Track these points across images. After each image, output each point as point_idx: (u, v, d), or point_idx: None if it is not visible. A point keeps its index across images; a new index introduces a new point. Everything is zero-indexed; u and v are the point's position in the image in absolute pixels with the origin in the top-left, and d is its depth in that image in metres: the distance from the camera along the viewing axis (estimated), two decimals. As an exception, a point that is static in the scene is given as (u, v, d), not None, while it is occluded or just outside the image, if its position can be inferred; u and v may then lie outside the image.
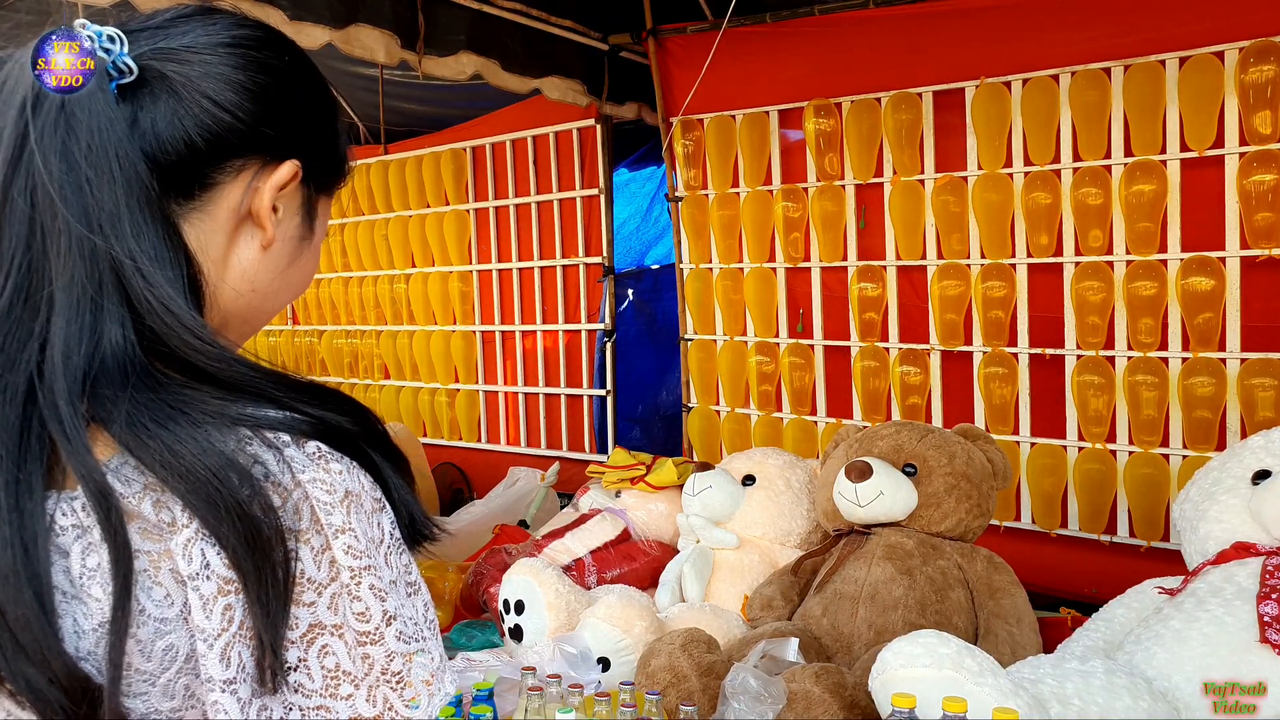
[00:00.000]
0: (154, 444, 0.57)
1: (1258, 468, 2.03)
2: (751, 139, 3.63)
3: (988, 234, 3.12)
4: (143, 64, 0.63)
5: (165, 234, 0.63)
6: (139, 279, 0.60)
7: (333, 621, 0.60)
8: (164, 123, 0.63)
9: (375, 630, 0.61)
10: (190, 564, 0.58)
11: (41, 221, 0.60)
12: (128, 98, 0.63)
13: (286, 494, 0.60)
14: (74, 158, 0.60)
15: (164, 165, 0.64)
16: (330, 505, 0.61)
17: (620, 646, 2.17)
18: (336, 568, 0.60)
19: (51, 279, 0.59)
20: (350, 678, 0.60)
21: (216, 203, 0.67)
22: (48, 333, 0.59)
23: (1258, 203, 2.67)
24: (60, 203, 0.59)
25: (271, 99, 0.68)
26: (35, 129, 0.60)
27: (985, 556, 2.28)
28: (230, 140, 0.66)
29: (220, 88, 0.65)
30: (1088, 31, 2.90)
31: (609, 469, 3.04)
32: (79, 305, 0.59)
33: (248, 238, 0.69)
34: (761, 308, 3.68)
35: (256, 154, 0.68)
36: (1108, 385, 2.94)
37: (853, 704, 1.77)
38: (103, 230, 0.60)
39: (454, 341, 4.78)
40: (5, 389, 0.58)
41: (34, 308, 0.59)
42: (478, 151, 4.61)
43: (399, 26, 3.12)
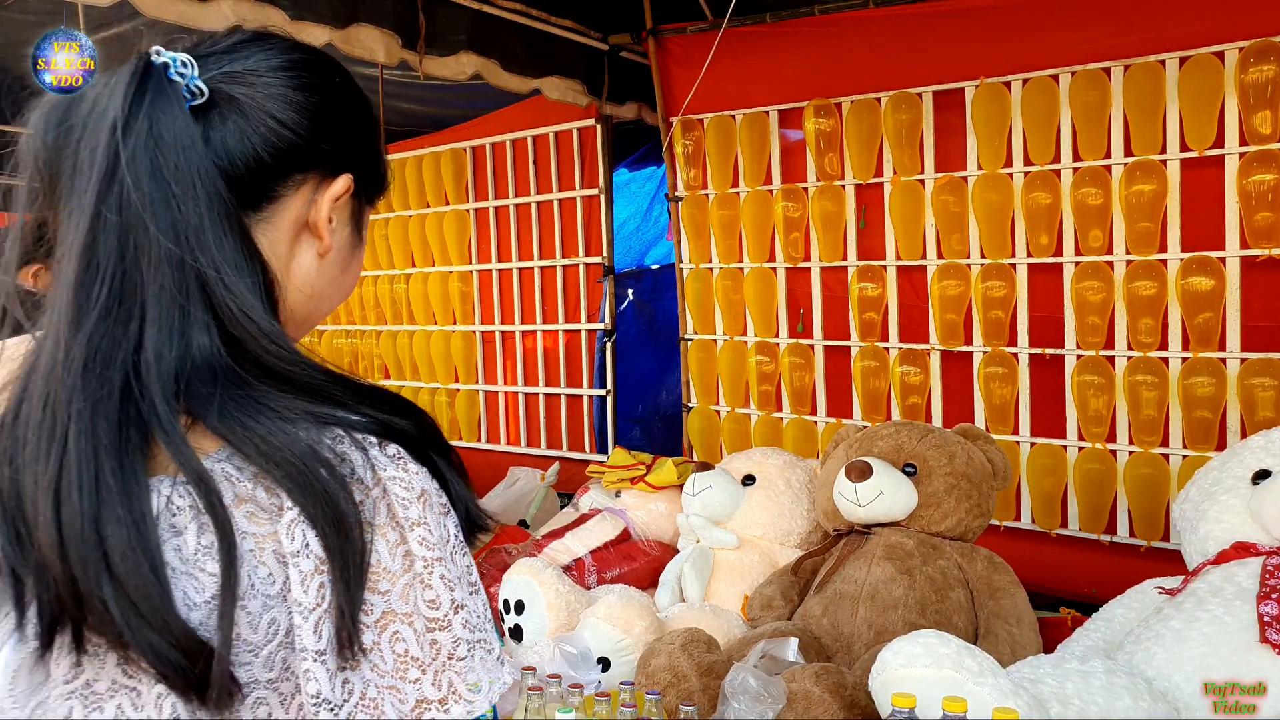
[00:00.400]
0: (250, 436, 0.63)
1: (1258, 468, 2.03)
2: (751, 139, 3.63)
3: (988, 234, 3.12)
4: (213, 87, 0.69)
5: (242, 244, 0.68)
6: (222, 288, 0.65)
7: (404, 610, 0.65)
8: (234, 140, 0.69)
9: (444, 618, 0.66)
10: (293, 543, 0.63)
11: (133, 235, 0.64)
12: (200, 118, 0.68)
13: (367, 490, 0.65)
14: (162, 176, 0.65)
15: (236, 180, 0.69)
16: (408, 501, 0.66)
17: (620, 646, 2.17)
18: (410, 559, 0.65)
19: (143, 288, 0.64)
20: (418, 663, 0.65)
21: (280, 214, 0.73)
22: (141, 337, 0.64)
23: (1258, 203, 2.67)
24: (150, 218, 0.64)
25: (327, 117, 0.74)
26: (126, 150, 0.64)
27: (985, 556, 2.28)
28: (293, 155, 0.72)
29: (282, 107, 0.71)
30: (1088, 31, 2.90)
31: (609, 469, 3.04)
32: (168, 312, 0.64)
33: (306, 246, 0.75)
34: (761, 308, 3.68)
35: (315, 169, 0.74)
36: (1108, 385, 2.94)
37: (853, 704, 1.77)
38: (189, 243, 0.65)
39: (454, 341, 4.78)
40: (104, 386, 0.62)
41: (127, 313, 0.64)
42: (478, 151, 4.61)
43: (400, 26, 3.12)
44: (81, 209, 0.64)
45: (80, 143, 0.65)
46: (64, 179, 0.66)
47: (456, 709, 0.66)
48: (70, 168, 0.65)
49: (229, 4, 2.66)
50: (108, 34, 4.31)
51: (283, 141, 0.71)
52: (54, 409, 0.61)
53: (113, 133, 0.64)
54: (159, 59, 0.67)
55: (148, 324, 0.64)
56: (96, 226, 0.64)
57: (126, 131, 0.64)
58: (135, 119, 0.65)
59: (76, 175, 0.65)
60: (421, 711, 0.65)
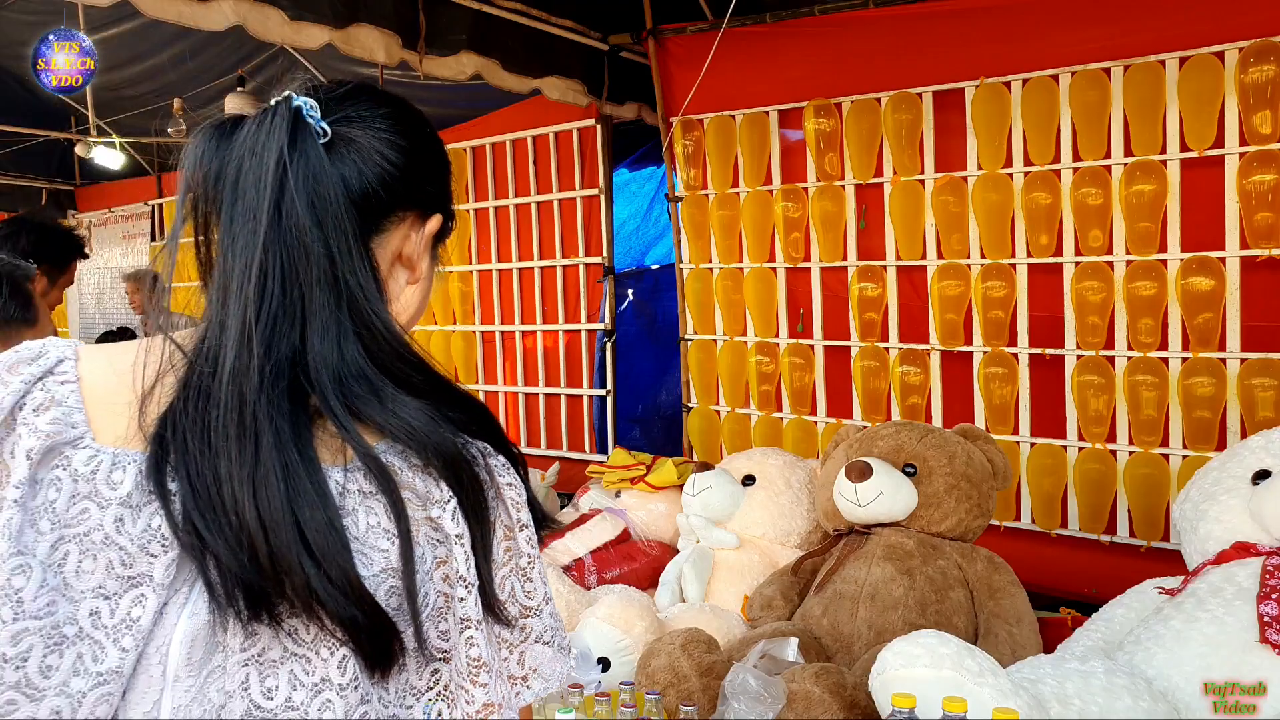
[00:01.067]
0: (413, 431, 0.72)
1: (1258, 468, 2.03)
2: (751, 139, 3.63)
3: (988, 234, 3.12)
4: (334, 129, 0.77)
5: (371, 268, 0.77)
6: (367, 304, 0.74)
7: (500, 598, 0.75)
8: (353, 175, 0.77)
9: (537, 606, 0.77)
10: (456, 526, 0.73)
11: (296, 258, 0.73)
12: (328, 151, 0.77)
13: (487, 488, 0.76)
14: (316, 208, 0.73)
15: (357, 210, 0.77)
16: (519, 504, 0.77)
17: (620, 646, 2.17)
18: (513, 554, 0.76)
19: (305, 303, 0.73)
20: (508, 644, 0.76)
21: (385, 246, 0.81)
22: (304, 344, 0.72)
23: (1258, 203, 2.67)
24: (311, 243, 0.73)
25: (426, 161, 0.83)
26: (291, 183, 0.73)
27: (985, 556, 2.28)
28: (400, 192, 0.80)
29: (391, 149, 0.79)
30: (1088, 31, 2.90)
31: (609, 469, 3.04)
32: (328, 324, 0.73)
33: (397, 274, 0.83)
34: (761, 308, 3.68)
35: (416, 207, 0.83)
36: (1108, 385, 2.94)
37: (853, 704, 1.77)
38: (341, 265, 0.74)
39: (454, 341, 4.78)
40: (282, 388, 0.71)
41: (291, 324, 0.72)
42: (478, 151, 4.61)
43: (400, 26, 3.11)
44: (251, 233, 0.72)
45: (243, 174, 0.73)
46: (225, 203, 0.74)
47: (537, 685, 0.77)
48: (231, 196, 0.73)
49: (229, 4, 2.66)
50: (108, 34, 4.31)
51: (392, 179, 0.79)
52: (245, 408, 0.69)
53: (279, 168, 0.73)
54: (296, 102, 0.76)
55: (310, 333, 0.72)
56: (267, 250, 0.72)
57: (290, 168, 0.73)
58: (295, 157, 0.73)
59: (240, 202, 0.73)
60: (510, 686, 0.76)
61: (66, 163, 6.70)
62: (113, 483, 0.69)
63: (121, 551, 0.68)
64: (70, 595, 0.67)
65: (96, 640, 0.67)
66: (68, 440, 0.71)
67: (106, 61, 4.03)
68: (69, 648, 0.66)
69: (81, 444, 0.71)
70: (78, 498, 0.69)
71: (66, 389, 0.73)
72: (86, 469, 0.70)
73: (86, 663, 0.66)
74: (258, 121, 0.75)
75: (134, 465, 0.70)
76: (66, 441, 0.71)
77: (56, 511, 0.68)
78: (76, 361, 0.75)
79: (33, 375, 0.73)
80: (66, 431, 0.71)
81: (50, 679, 0.65)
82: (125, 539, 0.68)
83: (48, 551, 0.68)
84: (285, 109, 0.75)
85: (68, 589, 0.68)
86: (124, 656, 0.67)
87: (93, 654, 0.66)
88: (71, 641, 0.67)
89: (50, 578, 0.67)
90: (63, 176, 6.95)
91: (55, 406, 0.72)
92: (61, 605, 0.67)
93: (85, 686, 0.66)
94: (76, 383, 0.74)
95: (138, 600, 0.68)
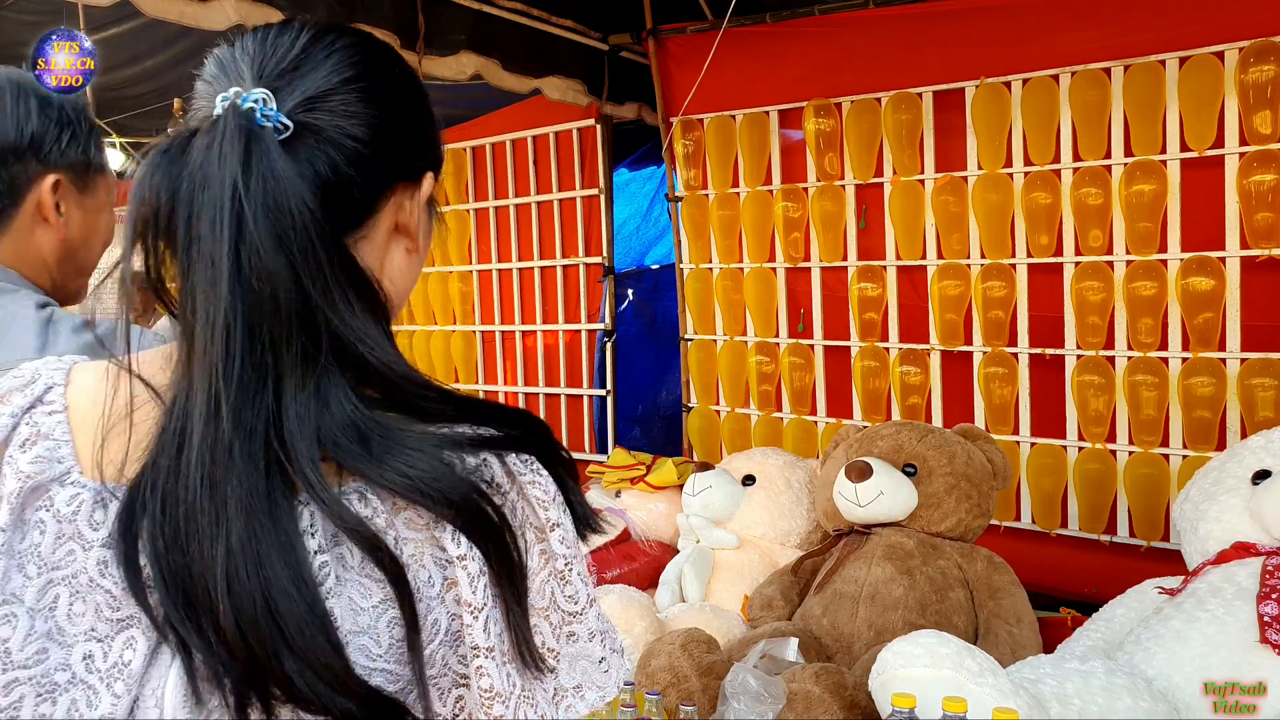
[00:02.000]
0: (389, 471, 0.64)
1: (1258, 468, 2.03)
2: (751, 139, 3.63)
3: (988, 234, 3.12)
4: (295, 119, 0.68)
5: (353, 275, 0.68)
6: (352, 336, 0.66)
7: (541, 605, 0.68)
8: (326, 168, 0.68)
9: (581, 611, 0.70)
10: (458, 547, 0.66)
11: (263, 301, 0.64)
12: (290, 151, 0.67)
13: (505, 495, 0.68)
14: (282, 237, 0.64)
15: (336, 206, 0.69)
16: (546, 503, 0.69)
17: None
18: (549, 557, 0.69)
19: (277, 353, 0.64)
20: (554, 654, 0.69)
21: (377, 226, 0.74)
22: (279, 403, 0.64)
23: (1258, 203, 2.67)
24: (280, 284, 0.64)
25: (404, 122, 0.75)
26: (249, 215, 0.64)
27: (985, 556, 2.28)
28: (383, 170, 0.72)
29: (362, 126, 0.70)
30: (1088, 31, 2.90)
31: (609, 469, 3.04)
32: (306, 376, 0.64)
33: (396, 246, 0.77)
34: (761, 308, 3.68)
35: (403, 176, 0.75)
36: (1108, 385, 2.94)
37: (853, 704, 1.77)
38: (317, 300, 0.65)
39: (454, 341, 4.78)
40: (256, 460, 0.63)
41: (263, 380, 0.64)
42: (478, 151, 4.60)
43: (399, 26, 3.11)
44: (210, 284, 0.64)
45: (195, 212, 0.65)
46: (179, 246, 0.65)
47: (591, 695, 0.70)
48: (185, 236, 0.65)
49: (231, 3, 2.66)
50: (108, 34, 4.31)
51: (371, 159, 0.71)
52: (216, 491, 0.62)
53: (234, 201, 0.64)
54: (246, 104, 0.66)
55: (285, 390, 0.64)
56: (232, 303, 0.63)
57: (247, 197, 0.64)
58: (252, 181, 0.64)
59: (194, 248, 0.64)
60: (560, 699, 0.69)
61: (66, 163, 6.68)
62: (94, 523, 0.66)
63: (108, 595, 0.65)
64: (63, 640, 0.65)
65: (91, 685, 0.64)
66: (54, 477, 0.67)
67: (106, 61, 4.02)
68: (62, 694, 0.64)
69: (68, 479, 0.67)
70: (62, 539, 0.65)
71: (54, 420, 0.68)
72: (69, 509, 0.66)
73: (81, 708, 0.64)
74: (206, 142, 0.65)
75: (116, 502, 0.66)
76: (53, 478, 0.67)
77: (42, 555, 0.65)
78: (66, 387, 0.70)
79: (20, 407, 0.69)
80: (52, 468, 0.67)
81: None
82: (109, 582, 0.65)
83: (36, 597, 0.64)
84: (233, 117, 0.65)
85: (61, 634, 0.65)
86: (116, 702, 0.64)
87: (87, 699, 0.64)
88: (64, 689, 0.64)
89: (40, 624, 0.64)
90: (63, 176, 6.93)
91: (41, 441, 0.67)
92: (54, 652, 0.64)
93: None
94: (64, 412, 0.69)
95: (129, 643, 0.65)
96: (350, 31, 0.74)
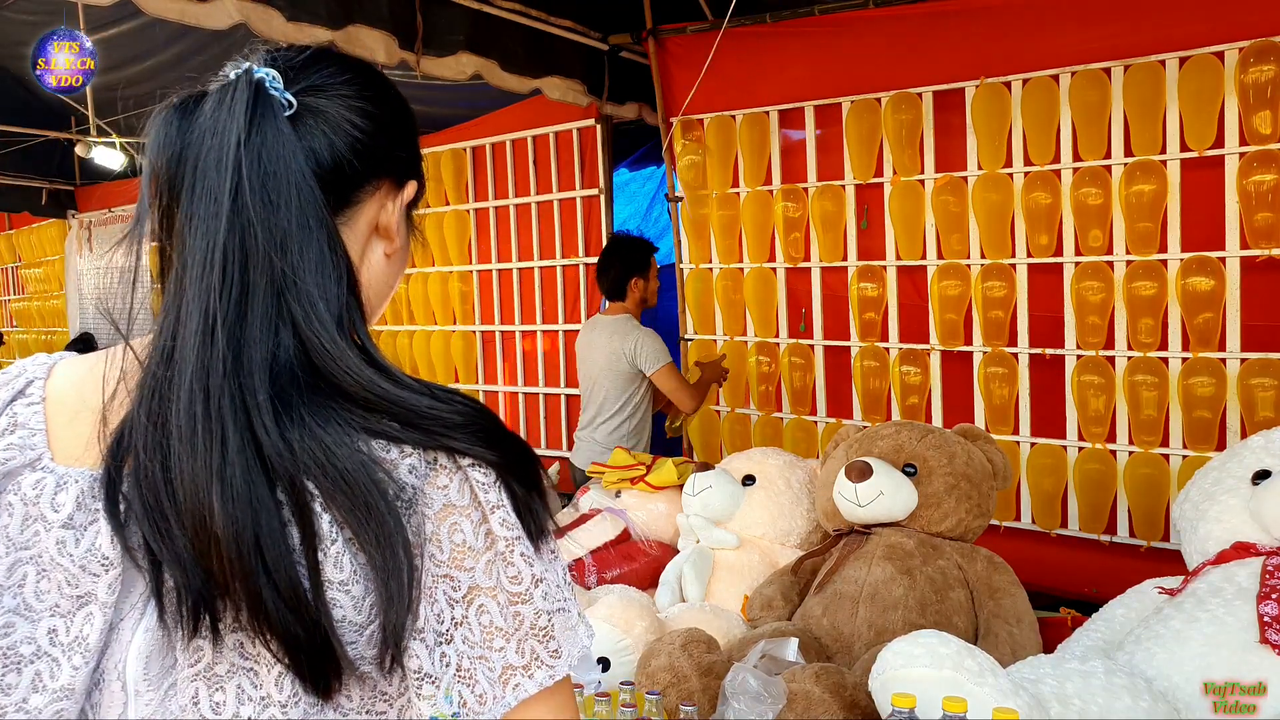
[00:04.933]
0: (313, 443, 0.67)
1: (1258, 468, 2.03)
2: (751, 139, 3.63)
3: (988, 234, 3.12)
4: (300, 99, 0.74)
5: (329, 246, 0.72)
6: (296, 292, 0.69)
7: (488, 584, 0.70)
8: (323, 147, 0.74)
9: (525, 592, 0.70)
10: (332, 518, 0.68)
11: (249, 241, 0.69)
12: (292, 124, 0.73)
13: (451, 474, 0.70)
14: (268, 186, 0.70)
15: (327, 181, 0.74)
16: (487, 485, 0.70)
17: (620, 646, 2.17)
18: (492, 538, 0.70)
19: (253, 290, 0.69)
20: (503, 632, 0.70)
21: (358, 218, 0.78)
22: (247, 331, 0.69)
23: (1258, 203, 2.67)
24: (259, 226, 0.69)
25: (397, 126, 0.80)
26: (246, 163, 0.69)
27: (985, 556, 2.27)
28: (374, 161, 0.77)
29: (360, 117, 0.76)
30: (1088, 31, 2.90)
31: (609, 469, 3.04)
32: (266, 313, 0.69)
33: (374, 247, 0.80)
34: (761, 308, 3.68)
35: (390, 175, 0.79)
36: (1108, 385, 2.94)
37: (853, 704, 1.77)
38: (279, 248, 0.69)
39: (454, 341, 4.78)
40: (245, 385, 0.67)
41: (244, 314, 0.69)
42: (478, 151, 4.60)
43: (396, 27, 3.11)
44: (211, 216, 0.69)
45: (204, 154, 0.70)
46: (184, 187, 0.70)
47: (540, 674, 0.70)
48: (193, 176, 0.70)
49: (232, 2, 2.66)
50: (108, 34, 4.31)
51: (364, 147, 0.76)
52: (210, 402, 0.66)
53: (237, 148, 0.69)
54: (258, 74, 0.72)
55: (249, 323, 0.68)
56: (230, 233, 0.69)
57: (247, 146, 0.69)
58: (254, 134, 0.70)
59: (200, 184, 0.69)
60: (508, 678, 0.69)
61: (66, 163, 6.70)
62: (56, 505, 0.69)
63: (66, 572, 0.68)
64: (30, 616, 0.68)
65: (54, 658, 0.68)
66: (25, 463, 0.71)
67: (106, 61, 4.03)
68: (26, 666, 0.68)
69: (39, 465, 0.71)
70: (29, 520, 0.69)
71: (31, 411, 0.73)
72: (33, 493, 0.70)
73: (45, 680, 0.67)
74: (218, 98, 0.71)
75: (76, 486, 0.69)
76: (24, 464, 0.71)
77: (10, 536, 0.69)
78: (46, 380, 0.75)
79: (3, 401, 0.74)
80: (24, 454, 0.71)
81: (10, 696, 0.67)
82: (67, 560, 0.68)
83: (5, 574, 0.69)
84: (246, 82, 0.71)
85: (29, 610, 0.68)
86: (75, 674, 0.67)
87: (50, 671, 0.67)
88: (29, 660, 0.68)
89: (8, 600, 0.68)
90: (63, 176, 6.95)
91: (18, 430, 0.72)
92: (20, 625, 0.68)
93: (42, 703, 0.67)
94: (41, 403, 0.74)
95: (87, 619, 0.68)
96: (351, 56, 0.82)
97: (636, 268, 3.51)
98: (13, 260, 8.47)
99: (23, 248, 8.26)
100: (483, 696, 0.69)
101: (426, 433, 0.70)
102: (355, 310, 0.73)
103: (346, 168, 0.75)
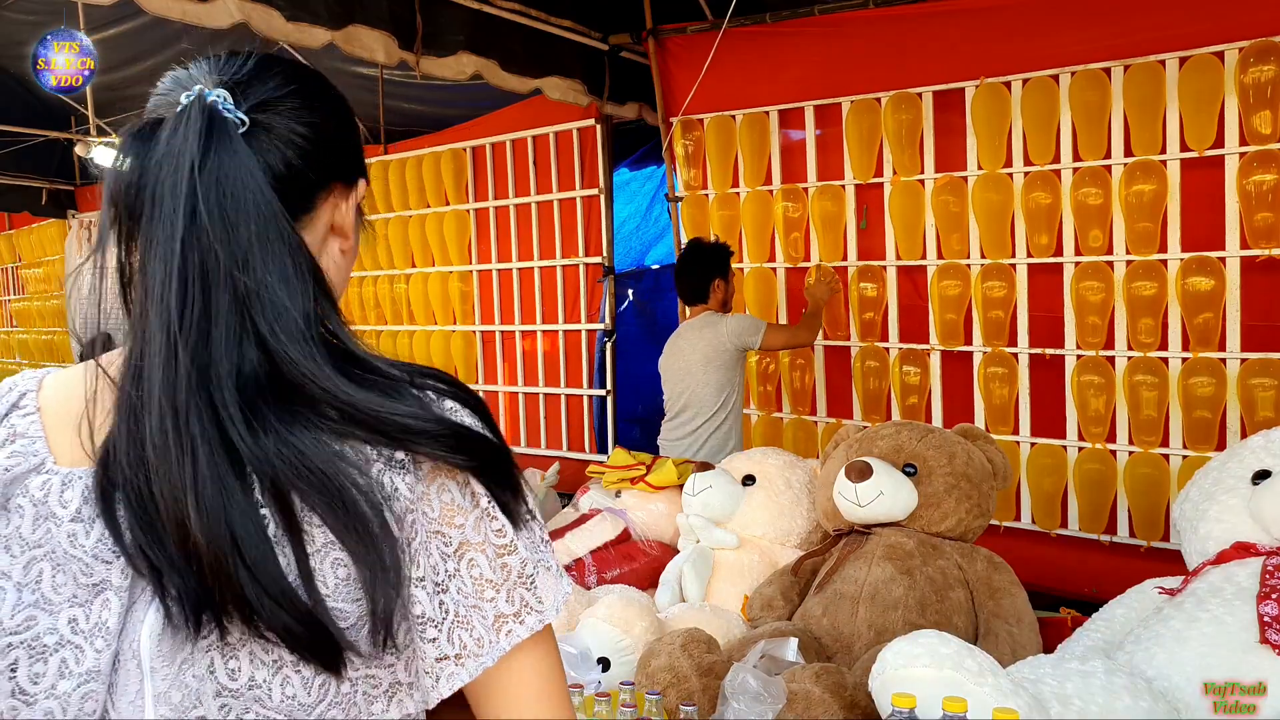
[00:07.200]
0: (285, 447, 0.71)
1: (1258, 468, 2.03)
2: (751, 139, 3.62)
3: (988, 234, 3.12)
4: (251, 116, 0.77)
5: (294, 255, 0.75)
6: (263, 306, 0.73)
7: (477, 540, 0.75)
8: (277, 161, 0.77)
9: (510, 543, 0.76)
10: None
11: (208, 261, 0.73)
12: (247, 141, 0.76)
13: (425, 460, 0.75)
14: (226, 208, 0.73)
15: (285, 193, 0.77)
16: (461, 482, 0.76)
17: (620, 646, 2.17)
18: (476, 496, 0.75)
19: (217, 308, 0.73)
20: (492, 584, 0.75)
21: (316, 222, 0.82)
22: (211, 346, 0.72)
23: (1258, 203, 2.67)
24: (219, 246, 0.72)
25: (340, 129, 0.84)
26: (202, 187, 0.72)
27: (985, 556, 2.27)
28: (325, 167, 0.81)
29: (308, 129, 0.79)
30: (1088, 31, 2.90)
31: (609, 469, 3.04)
32: (230, 329, 0.72)
33: (331, 245, 0.85)
34: (761, 308, 3.68)
35: (340, 177, 0.83)
36: (1108, 385, 2.94)
37: (853, 704, 1.77)
38: (241, 265, 0.73)
39: (454, 341, 4.78)
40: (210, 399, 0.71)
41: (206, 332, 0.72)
42: (478, 151, 4.60)
43: (396, 27, 3.11)
44: (169, 239, 0.72)
45: (160, 181, 0.73)
46: (144, 212, 0.74)
47: (530, 619, 0.76)
48: (150, 202, 0.73)
49: (233, 2, 2.66)
50: (108, 34, 4.31)
51: (313, 156, 0.79)
52: (179, 418, 0.70)
53: (191, 173, 0.72)
54: (210, 98, 0.76)
55: (214, 340, 0.72)
56: (186, 254, 0.72)
57: (202, 171, 0.73)
58: (209, 159, 0.73)
59: (158, 209, 0.73)
60: (500, 625, 0.75)
61: (66, 163, 6.70)
62: (64, 501, 0.74)
63: (80, 563, 0.73)
64: (50, 609, 0.73)
65: (77, 645, 0.72)
66: (30, 469, 0.75)
67: (106, 61, 4.03)
68: (52, 655, 0.72)
69: (43, 469, 0.75)
70: (39, 520, 0.74)
71: (27, 421, 0.78)
72: (40, 493, 0.74)
73: (70, 666, 0.72)
74: (173, 126, 0.74)
75: (81, 482, 0.74)
76: (29, 469, 0.75)
77: (23, 536, 0.74)
78: (38, 392, 0.80)
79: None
80: (28, 461, 0.76)
81: (39, 684, 0.72)
82: (80, 551, 0.73)
83: (22, 572, 0.73)
84: (200, 108, 0.74)
85: (48, 603, 0.73)
86: (99, 656, 0.72)
87: (75, 657, 0.72)
88: (54, 649, 0.72)
89: (27, 595, 0.73)
90: (63, 176, 6.95)
91: (18, 439, 0.77)
92: (42, 619, 0.73)
93: (70, 687, 0.71)
94: (37, 413, 0.79)
95: (105, 604, 0.73)
96: (289, 60, 0.85)
97: (717, 269, 3.46)
98: (13, 260, 8.47)
99: (23, 248, 8.26)
100: (480, 640, 0.74)
101: (391, 439, 0.74)
102: (327, 306, 0.77)
103: (301, 176, 0.79)
